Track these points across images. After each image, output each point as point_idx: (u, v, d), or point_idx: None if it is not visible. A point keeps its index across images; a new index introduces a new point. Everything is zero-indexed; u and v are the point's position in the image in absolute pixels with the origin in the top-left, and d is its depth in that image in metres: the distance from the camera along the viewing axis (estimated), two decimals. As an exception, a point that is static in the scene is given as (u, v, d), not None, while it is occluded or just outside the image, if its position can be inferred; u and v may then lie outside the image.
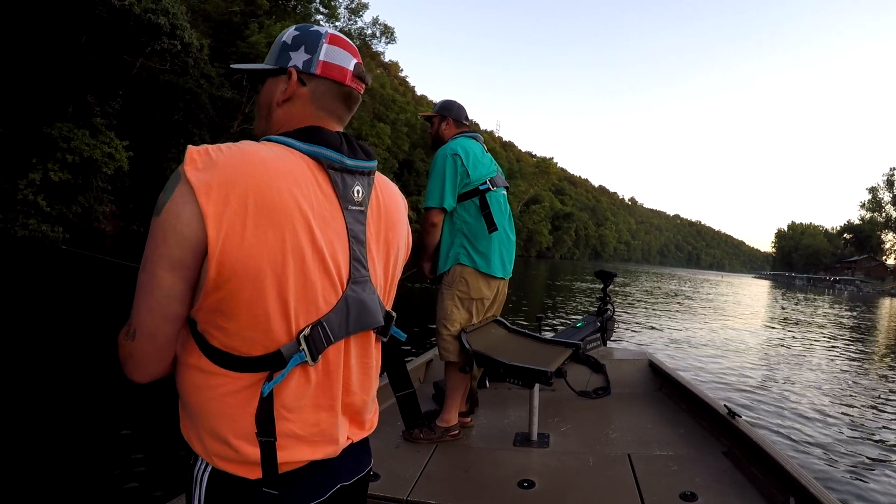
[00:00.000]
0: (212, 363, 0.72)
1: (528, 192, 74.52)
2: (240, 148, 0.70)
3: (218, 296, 0.68)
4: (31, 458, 2.63)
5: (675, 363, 6.11)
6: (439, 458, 2.06)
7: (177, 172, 0.67)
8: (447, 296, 2.23)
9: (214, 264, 0.66)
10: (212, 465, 0.74)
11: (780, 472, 1.70)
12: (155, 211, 0.68)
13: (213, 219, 0.65)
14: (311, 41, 0.81)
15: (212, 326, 0.71)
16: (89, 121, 19.12)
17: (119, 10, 18.35)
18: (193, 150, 0.67)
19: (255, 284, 0.68)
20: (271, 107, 0.83)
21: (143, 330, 0.71)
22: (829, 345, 9.95)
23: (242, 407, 0.72)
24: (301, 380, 0.75)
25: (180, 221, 0.65)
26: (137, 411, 3.26)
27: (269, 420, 0.72)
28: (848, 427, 4.46)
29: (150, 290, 0.69)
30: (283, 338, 0.72)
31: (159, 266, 0.67)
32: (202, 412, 0.73)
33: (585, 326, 3.40)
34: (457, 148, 2.21)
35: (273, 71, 0.83)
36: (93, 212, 20.00)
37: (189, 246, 0.66)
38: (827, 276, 79.22)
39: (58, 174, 18.03)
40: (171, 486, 2.40)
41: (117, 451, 2.77)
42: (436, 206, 2.19)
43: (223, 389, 0.72)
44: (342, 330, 0.77)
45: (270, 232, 0.68)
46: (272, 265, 0.69)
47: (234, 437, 0.72)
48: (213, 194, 0.65)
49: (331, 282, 0.76)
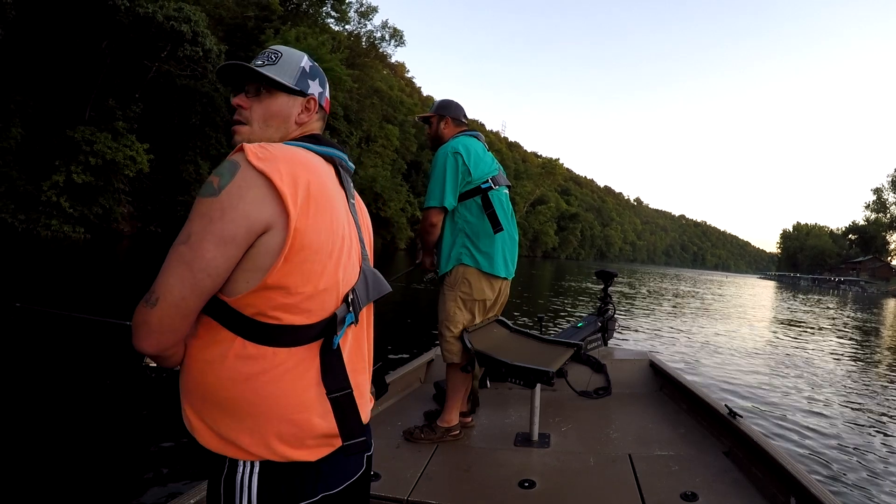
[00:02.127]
0: (265, 346, 0.74)
1: (534, 193, 74.27)
2: (282, 146, 0.79)
3: (286, 269, 0.73)
4: (32, 457, 2.61)
5: (676, 363, 6.04)
6: (440, 458, 2.04)
7: (233, 161, 0.73)
8: (449, 297, 2.18)
9: (291, 236, 0.72)
10: (261, 462, 0.74)
11: (781, 473, 1.67)
12: (206, 193, 0.72)
13: (291, 198, 0.73)
14: (321, 77, 0.96)
15: (271, 306, 0.74)
16: (111, 124, 19.44)
17: (143, 17, 18.62)
18: (250, 146, 0.74)
19: (319, 257, 0.76)
20: (289, 122, 0.91)
21: (168, 299, 0.70)
22: (831, 345, 9.77)
23: (304, 378, 0.76)
24: (346, 342, 0.83)
25: (244, 200, 0.71)
26: (138, 413, 3.26)
27: (342, 372, 0.79)
28: (850, 427, 4.37)
29: (189, 261, 0.70)
30: (335, 304, 0.80)
31: (206, 240, 0.70)
32: (255, 402, 0.73)
33: (586, 326, 3.36)
34: (458, 146, 2.15)
35: (293, 90, 0.90)
36: (112, 213, 20.30)
37: (247, 223, 0.71)
38: (831, 277, 77.87)
39: (81, 176, 18.33)
40: (172, 488, 2.38)
41: (117, 452, 2.75)
42: (436, 205, 2.13)
43: (281, 368, 0.74)
44: (365, 297, 0.88)
45: (325, 213, 0.78)
46: (329, 240, 0.78)
47: (299, 412, 0.75)
48: (285, 179, 0.73)
49: (357, 257, 0.89)
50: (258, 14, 29.90)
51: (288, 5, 32.00)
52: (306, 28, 29.57)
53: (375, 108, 39.42)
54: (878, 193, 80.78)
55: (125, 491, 2.38)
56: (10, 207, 17.40)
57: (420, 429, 2.19)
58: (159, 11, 19.08)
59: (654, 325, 10.28)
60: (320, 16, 34.43)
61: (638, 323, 10.30)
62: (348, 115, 34.20)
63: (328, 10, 35.01)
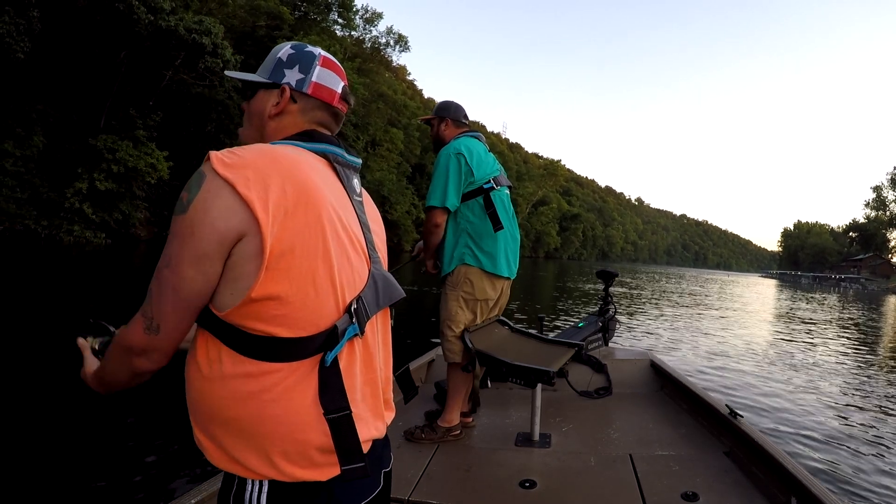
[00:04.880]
0: (263, 362, 0.69)
1: (536, 194, 74.05)
2: (259, 147, 0.73)
3: (270, 277, 0.67)
4: (31, 457, 2.59)
5: (677, 363, 5.95)
6: (441, 458, 2.01)
7: (200, 172, 0.69)
8: (452, 297, 2.15)
9: (268, 243, 0.67)
10: (270, 482, 0.70)
11: (782, 472, 1.63)
12: (178, 210, 0.68)
13: (259, 203, 0.66)
14: (305, 61, 0.84)
15: (263, 321, 0.68)
16: (132, 132, 19.71)
17: (165, 30, 18.89)
18: (216, 152, 0.69)
19: (306, 262, 0.70)
20: (263, 118, 0.85)
21: (169, 324, 0.69)
22: (832, 344, 9.61)
23: (305, 396, 0.70)
24: (350, 356, 0.75)
25: (210, 214, 0.66)
26: (138, 414, 3.23)
27: (339, 391, 0.71)
28: (851, 427, 4.28)
29: (175, 287, 0.68)
30: (335, 314, 0.73)
31: (183, 262, 0.67)
32: (258, 420, 0.69)
33: (587, 326, 3.31)
34: (460, 147, 2.12)
35: (266, 84, 0.84)
36: (130, 218, 20.55)
37: (217, 237, 0.66)
38: (832, 275, 76.87)
39: (103, 183, 18.62)
40: (172, 490, 2.36)
41: (117, 452, 2.72)
42: (438, 205, 2.10)
43: (281, 386, 0.69)
44: (374, 304, 0.80)
45: (310, 213, 0.71)
46: (319, 242, 0.71)
47: (302, 431, 0.70)
48: (251, 184, 0.67)
49: (362, 259, 0.79)
50: (269, 23, 30.17)
51: (295, 13, 32.23)
52: (316, 36, 29.78)
53: (381, 112, 39.54)
54: (877, 191, 79.83)
55: (125, 491, 2.36)
56: (33, 214, 17.67)
57: (421, 429, 2.16)
58: (181, 24, 19.34)
59: (654, 324, 10.17)
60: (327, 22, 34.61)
61: (639, 323, 10.20)
62: (356, 121, 34.36)
63: (335, 17, 35.22)
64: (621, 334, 7.66)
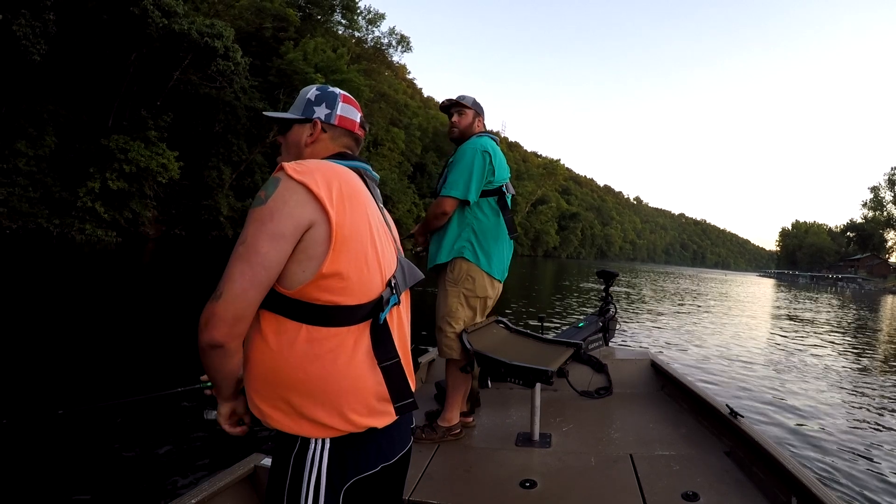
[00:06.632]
0: (326, 328, 0.83)
1: (535, 193, 73.71)
2: (318, 160, 0.93)
3: (335, 258, 0.83)
4: (31, 457, 2.57)
5: (677, 363, 5.91)
6: (441, 457, 1.98)
7: (276, 177, 0.85)
8: (452, 293, 2.11)
9: (334, 230, 0.83)
10: (332, 437, 0.84)
11: (783, 473, 1.60)
12: (256, 203, 0.83)
13: (327, 199, 0.84)
14: (330, 99, 1.04)
15: (330, 292, 0.84)
16: (143, 133, 19.77)
17: (178, 33, 18.94)
18: (287, 163, 0.87)
19: (361, 246, 0.87)
20: (300, 146, 1.02)
21: (232, 291, 0.79)
22: (831, 344, 9.53)
23: (361, 352, 0.86)
24: (391, 321, 0.92)
25: (288, 204, 0.82)
26: (138, 414, 3.16)
27: (390, 344, 0.89)
28: (851, 427, 4.23)
29: (247, 258, 0.80)
30: (380, 287, 0.91)
31: (260, 239, 0.80)
32: (325, 377, 0.83)
33: (587, 326, 3.27)
34: (487, 146, 2.13)
35: (300, 120, 1.03)
36: (140, 217, 20.62)
37: (293, 221, 0.81)
38: (830, 275, 76.38)
39: (115, 183, 18.70)
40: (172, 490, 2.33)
41: (118, 452, 2.68)
42: (459, 196, 2.08)
43: (343, 346, 0.84)
44: (403, 283, 0.98)
45: (359, 208, 0.89)
46: (367, 231, 0.90)
47: (363, 381, 0.85)
48: (320, 185, 0.84)
49: (392, 248, 0.99)
50: (275, 25, 30.14)
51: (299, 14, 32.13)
52: (322, 39, 29.70)
53: (383, 112, 39.39)
54: (875, 192, 79.25)
55: (125, 491, 2.34)
56: (45, 213, 17.74)
57: (421, 428, 2.13)
58: (193, 27, 19.36)
59: (655, 324, 10.11)
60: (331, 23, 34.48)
61: (639, 322, 10.14)
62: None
63: (338, 18, 35.08)
64: (621, 334, 7.61)
